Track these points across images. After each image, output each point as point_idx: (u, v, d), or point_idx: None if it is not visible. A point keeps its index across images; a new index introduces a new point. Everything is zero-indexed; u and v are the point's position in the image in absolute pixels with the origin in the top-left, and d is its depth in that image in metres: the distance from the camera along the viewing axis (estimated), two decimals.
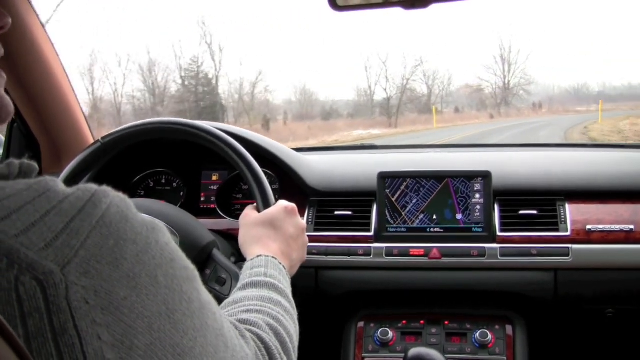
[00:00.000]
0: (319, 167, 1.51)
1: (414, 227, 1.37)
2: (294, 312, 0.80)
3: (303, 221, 1.01)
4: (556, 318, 1.44)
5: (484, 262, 1.32)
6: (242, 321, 0.68)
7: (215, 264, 1.09)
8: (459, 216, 1.36)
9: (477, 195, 1.35)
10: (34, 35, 1.36)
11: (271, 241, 0.93)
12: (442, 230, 1.36)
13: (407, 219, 1.37)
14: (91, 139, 1.62)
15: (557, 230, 1.32)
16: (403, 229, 1.37)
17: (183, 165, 1.56)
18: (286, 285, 0.84)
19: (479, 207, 1.35)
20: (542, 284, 1.33)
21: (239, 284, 0.82)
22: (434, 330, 1.37)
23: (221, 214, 1.48)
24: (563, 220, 1.33)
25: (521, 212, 1.36)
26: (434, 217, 1.37)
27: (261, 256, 0.87)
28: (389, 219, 1.37)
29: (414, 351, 1.21)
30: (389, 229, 1.37)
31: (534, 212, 1.35)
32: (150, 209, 1.08)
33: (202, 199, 1.55)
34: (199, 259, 1.08)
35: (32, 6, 1.34)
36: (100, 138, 1.16)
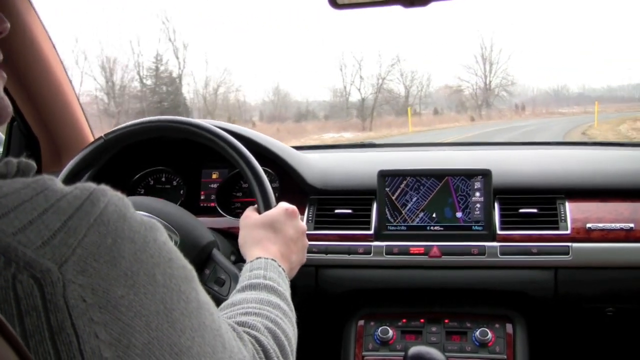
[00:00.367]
0: (318, 165, 1.51)
1: (414, 225, 1.37)
2: (292, 315, 0.79)
3: (303, 224, 1.01)
4: (556, 317, 1.44)
5: (484, 261, 1.32)
6: (240, 323, 0.68)
7: (214, 264, 1.08)
8: (459, 214, 1.36)
9: (477, 194, 1.35)
10: (34, 34, 1.36)
11: (271, 243, 0.93)
12: (442, 229, 1.36)
13: (407, 217, 1.37)
14: (91, 138, 1.62)
15: (557, 229, 1.32)
16: (403, 228, 1.37)
17: (183, 164, 1.56)
18: (285, 288, 0.83)
19: (479, 205, 1.35)
20: (542, 282, 1.33)
21: (238, 286, 0.82)
22: (434, 329, 1.37)
23: (221, 212, 1.48)
24: (563, 218, 1.33)
25: (521, 211, 1.35)
26: (434, 215, 1.37)
27: (260, 258, 0.87)
28: (389, 217, 1.37)
29: (414, 350, 1.21)
30: (389, 227, 1.37)
31: (534, 211, 1.35)
32: (151, 207, 1.09)
33: (202, 197, 1.55)
34: (198, 258, 1.07)
35: (33, 6, 1.34)
36: (103, 135, 1.16)
